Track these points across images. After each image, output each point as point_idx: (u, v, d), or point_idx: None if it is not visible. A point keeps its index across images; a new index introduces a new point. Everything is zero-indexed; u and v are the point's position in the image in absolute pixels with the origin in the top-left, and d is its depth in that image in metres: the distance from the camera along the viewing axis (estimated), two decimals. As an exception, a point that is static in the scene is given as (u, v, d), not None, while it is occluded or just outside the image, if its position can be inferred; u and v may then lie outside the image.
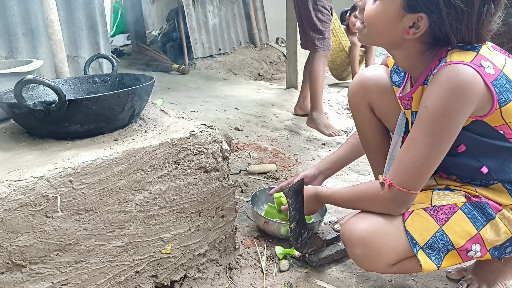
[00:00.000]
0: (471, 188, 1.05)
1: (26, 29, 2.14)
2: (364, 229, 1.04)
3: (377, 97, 1.25)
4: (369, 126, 1.33)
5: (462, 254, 1.03)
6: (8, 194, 0.83)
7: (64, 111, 0.97)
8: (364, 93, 1.28)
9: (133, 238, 1.04)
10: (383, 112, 1.28)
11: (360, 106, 1.31)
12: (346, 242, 1.08)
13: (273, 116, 2.96)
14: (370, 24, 1.01)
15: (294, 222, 1.25)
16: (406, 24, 0.96)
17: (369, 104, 1.29)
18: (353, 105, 1.34)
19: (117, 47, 6.07)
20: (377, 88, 1.25)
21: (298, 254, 1.30)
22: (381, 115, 1.29)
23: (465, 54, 0.93)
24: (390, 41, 1.02)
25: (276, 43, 5.40)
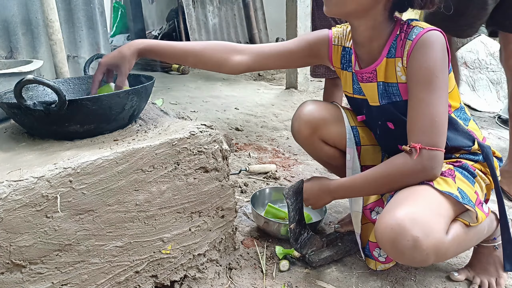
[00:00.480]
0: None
1: (26, 29, 2.14)
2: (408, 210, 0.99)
3: (327, 130, 1.31)
4: (332, 157, 1.38)
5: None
6: (8, 194, 0.83)
7: (64, 111, 0.97)
8: (313, 132, 1.32)
9: (133, 238, 1.04)
10: (336, 140, 1.33)
11: (314, 143, 1.35)
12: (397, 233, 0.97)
13: (273, 116, 2.96)
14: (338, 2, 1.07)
15: (294, 222, 1.25)
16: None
17: (320, 139, 1.34)
18: (306, 144, 1.37)
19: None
20: (322, 122, 1.31)
21: (298, 254, 1.30)
22: (335, 143, 1.34)
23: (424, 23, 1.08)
24: (362, 6, 1.06)
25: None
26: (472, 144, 1.17)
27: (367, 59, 1.18)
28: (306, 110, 1.31)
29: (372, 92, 1.19)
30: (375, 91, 1.18)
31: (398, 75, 1.12)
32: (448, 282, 1.26)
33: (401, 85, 1.12)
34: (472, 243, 1.13)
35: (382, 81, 1.15)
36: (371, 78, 1.17)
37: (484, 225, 1.11)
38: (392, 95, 1.15)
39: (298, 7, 3.28)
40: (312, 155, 1.42)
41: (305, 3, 3.31)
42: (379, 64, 1.13)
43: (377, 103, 1.20)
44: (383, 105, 1.18)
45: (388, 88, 1.15)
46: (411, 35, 1.06)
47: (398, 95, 1.14)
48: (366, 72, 1.17)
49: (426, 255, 0.96)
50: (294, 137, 1.39)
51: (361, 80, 1.20)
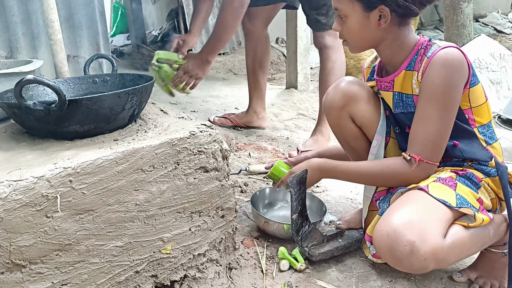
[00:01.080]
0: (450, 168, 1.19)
1: (26, 29, 2.15)
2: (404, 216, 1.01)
3: (358, 107, 1.31)
4: (354, 137, 1.37)
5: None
6: (8, 194, 0.83)
7: (64, 111, 0.97)
8: (345, 105, 1.32)
9: (133, 238, 1.04)
10: (364, 120, 1.33)
11: (342, 118, 1.35)
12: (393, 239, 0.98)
13: (273, 116, 2.96)
14: (351, 37, 1.20)
15: (296, 213, 1.25)
16: (374, 19, 1.13)
17: (349, 115, 1.33)
18: (333, 118, 1.37)
19: (117, 47, 6.07)
20: (357, 98, 1.31)
21: (301, 267, 1.28)
22: (362, 123, 1.34)
23: (444, 42, 1.13)
24: (372, 39, 1.18)
25: (276, 43, 5.40)
26: (489, 160, 1.18)
27: (389, 70, 1.25)
28: (346, 80, 1.33)
29: (389, 100, 1.25)
30: (391, 100, 1.24)
31: (413, 88, 1.17)
32: (448, 282, 1.26)
33: (415, 97, 1.17)
34: (475, 247, 1.11)
35: (398, 91, 1.21)
36: (388, 87, 1.23)
37: (489, 229, 1.09)
38: (408, 106, 1.20)
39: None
40: (335, 128, 1.41)
41: (305, 3, 3.31)
42: (398, 76, 1.19)
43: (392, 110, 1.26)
44: (397, 113, 1.24)
45: (404, 99, 1.20)
46: (429, 52, 1.12)
47: (412, 106, 1.19)
48: (384, 81, 1.23)
49: (425, 261, 0.97)
50: (325, 106, 1.38)
51: (380, 88, 1.27)
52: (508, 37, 6.02)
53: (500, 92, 3.28)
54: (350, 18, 1.15)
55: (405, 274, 1.28)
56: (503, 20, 6.58)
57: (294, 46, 3.42)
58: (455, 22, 3.32)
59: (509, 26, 6.40)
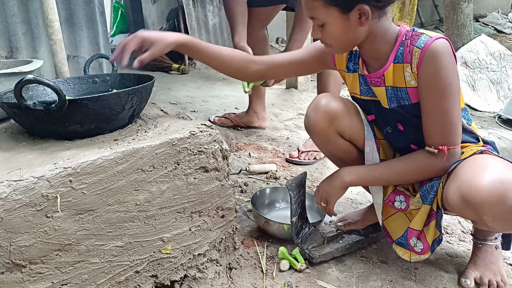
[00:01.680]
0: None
1: (26, 29, 2.14)
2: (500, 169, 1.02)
3: (344, 122, 1.31)
4: (345, 151, 1.36)
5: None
6: (8, 194, 0.83)
7: (64, 111, 0.97)
8: (330, 124, 1.31)
9: (133, 238, 1.04)
10: (352, 132, 1.32)
11: (330, 137, 1.33)
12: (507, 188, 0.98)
13: (273, 116, 2.96)
14: (334, 42, 1.16)
15: (296, 216, 1.25)
16: (355, 19, 1.09)
17: (337, 131, 1.32)
18: (321, 139, 1.36)
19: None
20: (340, 113, 1.30)
21: (301, 267, 1.29)
22: (351, 136, 1.33)
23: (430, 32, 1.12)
24: (356, 38, 1.15)
25: (276, 43, 5.40)
26: (477, 142, 1.22)
27: (374, 64, 1.22)
28: (324, 101, 1.32)
29: (382, 96, 1.23)
30: (384, 95, 1.22)
31: (407, 80, 1.15)
32: (449, 282, 1.26)
33: (410, 89, 1.16)
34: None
35: (391, 85, 1.19)
36: (379, 82, 1.21)
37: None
38: (401, 99, 1.19)
39: (298, 7, 3.27)
40: (325, 148, 1.40)
41: (305, 3, 3.31)
42: (387, 70, 1.17)
43: (386, 105, 1.23)
44: (392, 108, 1.22)
45: (397, 92, 1.19)
46: (418, 42, 1.10)
47: (407, 99, 1.18)
48: (374, 76, 1.21)
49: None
50: (308, 129, 1.37)
51: (371, 84, 1.24)
52: (508, 37, 6.02)
53: (500, 92, 3.28)
54: (329, 24, 1.12)
55: (405, 274, 1.28)
56: (503, 20, 6.58)
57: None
58: (455, 22, 3.32)
59: (509, 26, 6.40)
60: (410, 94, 1.16)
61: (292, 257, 1.31)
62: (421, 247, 1.20)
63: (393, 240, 1.26)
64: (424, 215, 1.17)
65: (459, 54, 3.30)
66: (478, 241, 1.27)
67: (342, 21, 1.10)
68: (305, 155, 2.14)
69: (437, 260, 1.36)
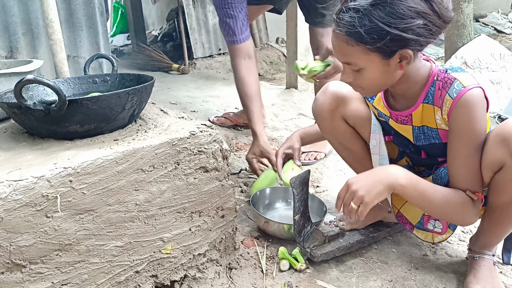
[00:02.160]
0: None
1: (26, 29, 2.14)
2: None
3: (350, 107, 1.31)
4: (349, 138, 1.37)
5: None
6: (8, 194, 0.83)
7: (64, 111, 0.97)
8: (336, 107, 1.32)
9: (133, 238, 1.04)
10: (357, 119, 1.32)
11: (335, 121, 1.34)
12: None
13: (273, 116, 2.96)
14: (368, 85, 1.11)
15: (298, 214, 1.25)
16: (395, 63, 1.05)
17: (342, 116, 1.33)
18: (326, 122, 1.36)
19: (117, 47, 6.07)
20: (347, 98, 1.31)
21: (301, 267, 1.28)
22: (355, 123, 1.34)
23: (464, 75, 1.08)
24: (391, 80, 1.10)
25: (276, 43, 5.39)
26: None
27: (402, 102, 1.20)
28: (334, 84, 1.32)
29: (407, 133, 1.23)
30: (410, 133, 1.22)
31: (438, 123, 1.15)
32: (449, 282, 1.26)
33: (441, 131, 1.16)
34: None
35: (418, 126, 1.19)
36: (406, 121, 1.21)
37: None
38: (431, 138, 1.19)
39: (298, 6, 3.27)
40: (328, 133, 1.40)
41: (305, 3, 3.31)
42: (415, 110, 1.16)
43: (411, 141, 1.24)
44: (420, 145, 1.23)
45: (427, 131, 1.19)
46: (451, 90, 1.07)
47: (437, 138, 1.18)
48: (401, 115, 1.20)
49: None
50: (315, 111, 1.37)
51: (396, 121, 1.23)
52: (508, 37, 6.02)
53: (500, 92, 3.28)
54: (367, 70, 1.06)
55: (405, 274, 1.28)
56: (503, 20, 6.58)
57: (294, 46, 3.42)
58: (455, 22, 3.31)
59: (509, 26, 6.39)
60: (441, 135, 1.16)
61: (292, 257, 1.31)
62: (440, 227, 1.22)
63: (413, 225, 1.27)
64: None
65: (459, 54, 3.30)
66: (476, 254, 1.25)
67: (382, 66, 1.05)
68: (305, 155, 2.14)
69: (437, 260, 1.36)
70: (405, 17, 0.97)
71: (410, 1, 0.97)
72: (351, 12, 1.00)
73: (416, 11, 0.97)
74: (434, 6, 0.99)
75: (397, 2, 0.97)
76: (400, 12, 0.97)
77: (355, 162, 1.44)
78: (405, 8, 0.97)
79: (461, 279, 1.27)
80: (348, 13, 1.01)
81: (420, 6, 0.98)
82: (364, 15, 0.99)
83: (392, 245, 1.43)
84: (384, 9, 0.97)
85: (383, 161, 1.29)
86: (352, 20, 1.00)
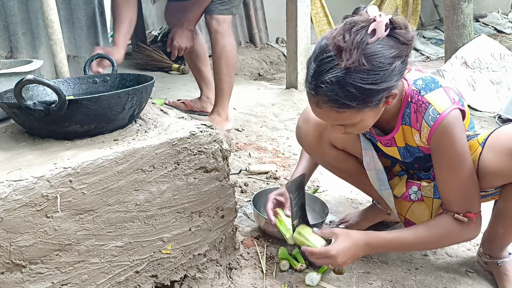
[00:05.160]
0: None
1: (26, 29, 2.14)
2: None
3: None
4: (340, 160, 1.37)
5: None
6: (8, 194, 0.83)
7: (64, 111, 0.97)
8: (321, 135, 1.31)
9: (133, 238, 1.04)
10: (345, 142, 1.32)
11: (323, 148, 1.33)
12: None
13: (273, 116, 2.95)
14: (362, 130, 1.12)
15: (297, 219, 1.24)
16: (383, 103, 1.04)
17: (329, 142, 1.32)
18: (313, 150, 1.36)
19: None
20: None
21: (301, 267, 1.28)
22: (344, 145, 1.33)
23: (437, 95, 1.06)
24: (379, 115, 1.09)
25: (276, 43, 5.39)
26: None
27: (381, 127, 1.21)
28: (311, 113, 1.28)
29: (394, 153, 1.25)
30: (397, 153, 1.24)
31: (417, 143, 1.15)
32: (449, 282, 1.26)
33: (422, 148, 1.17)
34: None
35: (402, 146, 1.20)
36: (390, 143, 1.22)
37: None
38: (415, 153, 1.20)
39: (298, 6, 3.27)
40: (318, 159, 1.41)
41: (305, 3, 3.31)
42: (397, 133, 1.17)
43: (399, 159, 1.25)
44: (407, 161, 1.24)
45: (410, 148, 1.20)
46: (427, 116, 1.06)
47: (421, 152, 1.19)
48: (384, 139, 1.22)
49: None
50: (299, 140, 1.37)
51: (382, 144, 1.25)
52: (508, 37, 6.02)
53: (500, 92, 3.28)
54: (362, 122, 1.05)
55: (405, 274, 1.28)
56: (503, 20, 6.58)
57: (294, 46, 3.42)
58: (455, 22, 3.31)
59: (509, 26, 6.39)
60: (423, 149, 1.17)
61: (292, 257, 1.31)
62: None
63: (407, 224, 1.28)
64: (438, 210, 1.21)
65: (459, 54, 3.30)
66: (498, 259, 1.26)
67: (374, 112, 1.04)
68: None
69: (437, 260, 1.36)
70: (385, 66, 0.95)
71: (382, 50, 0.95)
72: (328, 85, 0.95)
73: (391, 56, 0.95)
74: (400, 39, 0.97)
75: (372, 58, 0.94)
76: (379, 65, 0.94)
77: (351, 178, 1.45)
78: (382, 59, 0.94)
79: (461, 280, 1.27)
80: (325, 86, 0.96)
81: (391, 49, 0.96)
82: (343, 85, 0.94)
83: (392, 245, 1.43)
84: (362, 70, 0.93)
85: (380, 175, 1.29)
86: (332, 94, 0.96)
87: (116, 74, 1.37)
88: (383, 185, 1.29)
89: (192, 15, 2.26)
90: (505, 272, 1.24)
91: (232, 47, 2.36)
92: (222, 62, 2.34)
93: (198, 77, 2.78)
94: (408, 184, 1.29)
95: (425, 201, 1.25)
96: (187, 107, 2.76)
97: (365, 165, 1.31)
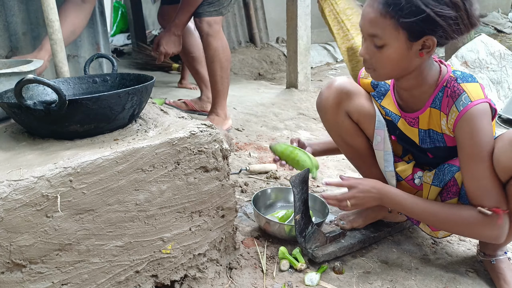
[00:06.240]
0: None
1: (26, 29, 2.14)
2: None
3: (354, 103, 1.31)
4: (352, 134, 1.37)
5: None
6: (8, 194, 0.83)
7: (64, 111, 0.97)
8: (340, 102, 1.32)
9: (133, 237, 1.04)
10: (361, 116, 1.32)
11: (339, 116, 1.34)
12: None
13: (273, 115, 2.96)
14: (383, 66, 1.11)
15: (300, 213, 1.24)
16: (416, 49, 1.06)
17: (346, 111, 1.33)
18: (330, 117, 1.36)
19: (117, 46, 6.06)
20: (352, 94, 1.31)
21: (301, 267, 1.28)
22: (359, 118, 1.34)
23: (473, 86, 1.09)
24: (405, 69, 1.11)
25: (276, 43, 5.39)
26: None
27: (409, 103, 1.22)
28: (339, 79, 1.33)
29: (413, 135, 1.24)
30: (416, 136, 1.23)
31: (443, 128, 1.16)
32: (449, 282, 1.26)
33: (446, 136, 1.17)
34: None
35: (424, 129, 1.20)
36: (413, 123, 1.22)
37: None
38: (436, 141, 1.20)
39: (298, 6, 3.27)
40: (331, 128, 1.40)
41: (305, 3, 3.31)
42: (423, 113, 1.17)
43: (417, 143, 1.24)
44: (425, 147, 1.24)
45: (432, 135, 1.20)
46: (458, 102, 1.08)
47: (442, 142, 1.19)
48: (408, 116, 1.22)
49: None
50: (319, 106, 1.38)
51: (406, 121, 1.25)
52: (508, 36, 6.02)
53: (500, 92, 3.28)
54: (390, 47, 1.06)
55: (405, 274, 1.28)
56: (503, 19, 6.58)
57: (295, 45, 3.42)
58: (455, 22, 3.31)
59: (509, 25, 6.39)
60: (446, 139, 1.17)
61: (292, 257, 1.31)
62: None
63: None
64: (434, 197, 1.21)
65: (460, 54, 3.30)
66: (491, 257, 1.26)
67: (404, 48, 1.06)
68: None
69: (437, 260, 1.36)
70: (441, 2, 1.00)
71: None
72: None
73: (452, 1, 1.00)
74: (467, 6, 1.01)
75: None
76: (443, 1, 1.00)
77: (358, 159, 1.43)
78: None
79: (461, 280, 1.27)
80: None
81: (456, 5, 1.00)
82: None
83: (393, 245, 1.43)
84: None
85: (387, 156, 1.30)
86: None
87: (116, 74, 1.37)
88: (388, 166, 1.31)
89: (179, 19, 2.26)
90: (498, 271, 1.24)
91: (225, 48, 2.35)
92: (216, 65, 2.34)
93: (197, 78, 2.81)
94: (415, 170, 1.30)
95: (424, 187, 1.26)
96: (187, 106, 2.78)
97: (374, 145, 1.32)
